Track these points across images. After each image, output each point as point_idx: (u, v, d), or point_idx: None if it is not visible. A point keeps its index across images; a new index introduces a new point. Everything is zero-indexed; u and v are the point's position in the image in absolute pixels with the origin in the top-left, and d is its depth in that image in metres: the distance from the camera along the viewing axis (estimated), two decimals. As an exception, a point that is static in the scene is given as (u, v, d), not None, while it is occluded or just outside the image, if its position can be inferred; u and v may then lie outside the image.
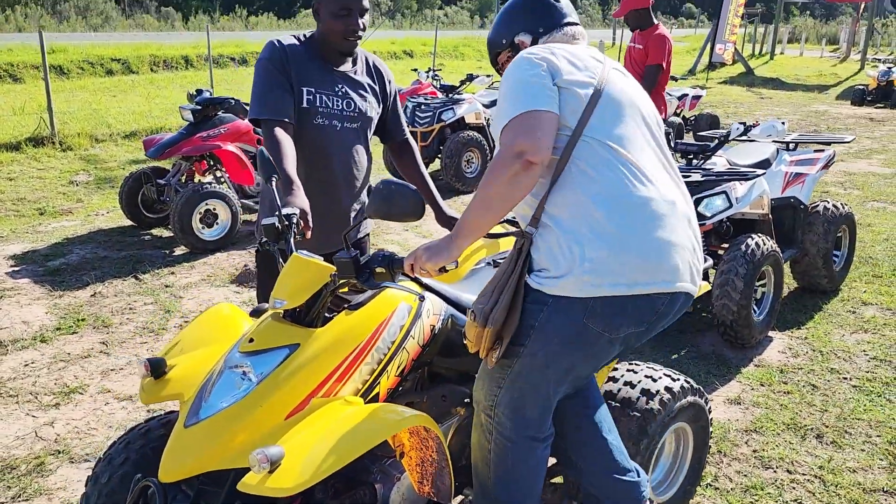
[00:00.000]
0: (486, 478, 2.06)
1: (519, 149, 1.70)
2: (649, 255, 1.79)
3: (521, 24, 2.09)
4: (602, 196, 1.78)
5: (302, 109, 2.56)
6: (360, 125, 2.68)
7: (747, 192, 4.11)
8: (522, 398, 1.94)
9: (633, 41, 5.55)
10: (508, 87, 1.85)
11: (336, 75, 2.64)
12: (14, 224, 6.42)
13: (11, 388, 3.60)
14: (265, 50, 2.58)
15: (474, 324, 1.88)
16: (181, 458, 1.83)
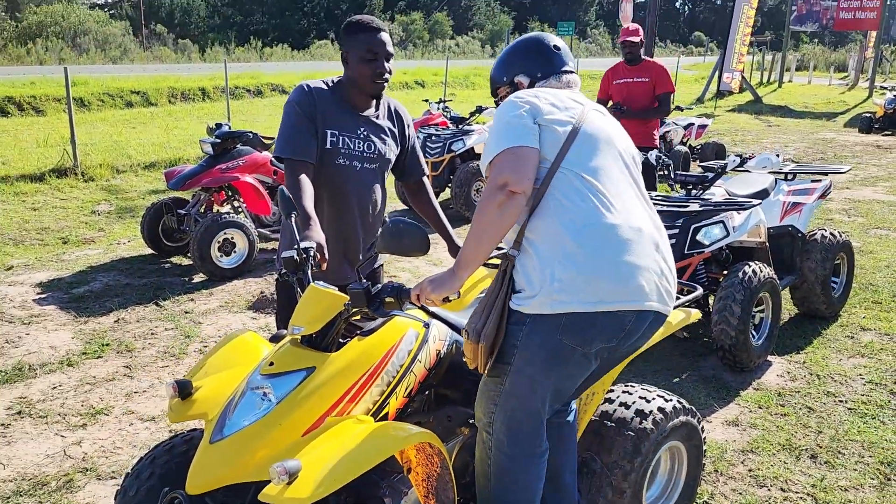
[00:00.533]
0: (489, 493, 2.22)
1: (503, 181, 1.92)
2: (614, 276, 1.98)
3: (522, 67, 2.32)
4: (573, 223, 1.98)
5: (325, 150, 2.76)
6: (378, 166, 2.88)
7: (744, 221, 4.27)
8: (515, 414, 2.11)
9: (628, 76, 5.83)
10: (495, 127, 2.09)
11: (359, 119, 2.83)
12: (39, 253, 6.66)
13: (41, 410, 3.79)
14: (294, 92, 2.79)
15: (469, 341, 2.07)
16: (207, 471, 2.00)
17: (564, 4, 69.30)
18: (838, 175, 10.76)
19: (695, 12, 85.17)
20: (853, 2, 23.53)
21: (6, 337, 4.67)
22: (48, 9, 39.88)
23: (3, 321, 4.94)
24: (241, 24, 52.22)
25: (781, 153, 6.77)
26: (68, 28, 36.67)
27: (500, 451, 2.15)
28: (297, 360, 2.10)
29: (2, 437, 3.53)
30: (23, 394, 3.95)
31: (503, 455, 2.15)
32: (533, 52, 2.33)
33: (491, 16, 63.18)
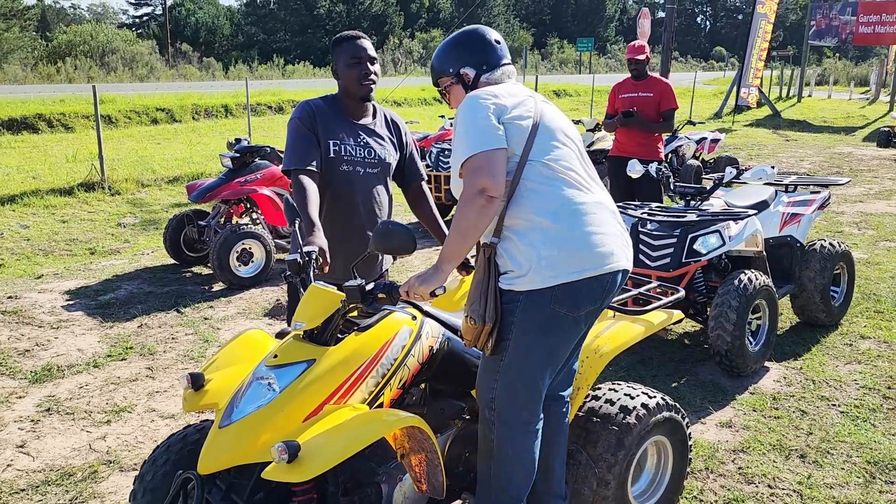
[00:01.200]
0: (490, 467, 2.40)
1: (481, 187, 2.12)
2: (591, 246, 2.24)
3: (468, 59, 2.44)
4: (549, 206, 2.23)
5: (329, 158, 2.99)
6: (380, 170, 3.11)
7: (740, 230, 4.42)
8: (515, 384, 2.32)
9: (634, 91, 6.01)
10: (463, 128, 2.23)
11: (357, 127, 3.08)
12: (67, 262, 6.95)
13: (68, 407, 4.02)
14: (296, 110, 3.04)
15: (473, 326, 2.26)
16: (217, 453, 2.19)
17: (584, 21, 69.67)
18: (851, 189, 10.83)
19: (716, 27, 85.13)
20: (872, 16, 23.50)
21: (36, 340, 4.93)
22: (77, 28, 41.01)
23: (33, 326, 5.21)
24: (263, 43, 53.20)
25: (777, 166, 6.92)
26: (96, 47, 37.63)
27: (503, 423, 2.35)
28: (298, 353, 2.30)
29: (32, 432, 3.76)
30: (51, 392, 4.19)
31: (505, 427, 2.35)
32: (478, 44, 2.45)
33: (510, 32, 63.66)
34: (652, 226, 4.53)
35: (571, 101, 26.63)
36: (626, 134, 6.10)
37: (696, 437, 3.66)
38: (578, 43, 40.08)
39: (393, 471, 2.40)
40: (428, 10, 62.19)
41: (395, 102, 21.39)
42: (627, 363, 4.56)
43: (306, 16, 53.92)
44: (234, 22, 58.05)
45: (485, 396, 2.39)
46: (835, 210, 9.34)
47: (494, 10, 63.71)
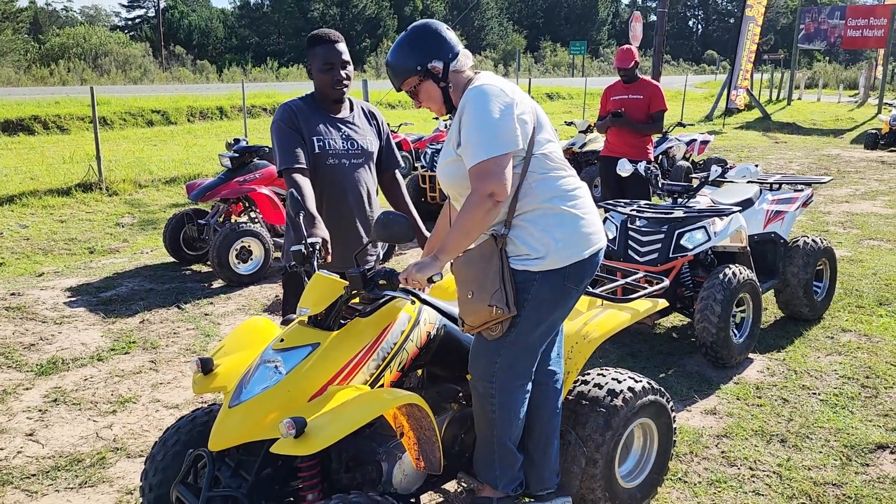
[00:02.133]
0: (490, 434, 2.56)
1: (489, 191, 2.26)
2: (592, 226, 2.50)
3: (433, 52, 2.43)
4: (554, 193, 2.43)
5: (315, 155, 3.16)
6: (364, 160, 3.28)
7: (725, 226, 4.58)
8: (517, 358, 2.50)
9: (624, 93, 6.18)
10: (477, 124, 2.28)
11: (337, 121, 3.25)
12: (67, 261, 7.07)
13: (74, 398, 4.14)
14: (277, 112, 3.20)
15: (495, 314, 2.38)
16: (226, 431, 2.33)
17: (577, 24, 70.01)
18: (837, 189, 11.03)
19: (707, 31, 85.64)
20: (860, 20, 23.81)
21: (41, 335, 5.05)
22: (70, 31, 40.99)
23: (36, 321, 5.33)
24: (257, 45, 53.27)
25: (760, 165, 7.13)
26: (90, 49, 37.64)
27: (502, 391, 2.51)
28: (303, 337, 2.44)
29: (40, 421, 3.88)
30: (57, 384, 4.31)
31: (505, 393, 2.51)
32: (435, 36, 2.45)
33: (504, 35, 63.95)
34: (640, 222, 4.69)
35: (564, 104, 26.83)
36: (617, 135, 6.27)
37: (681, 423, 3.81)
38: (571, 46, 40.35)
39: (392, 449, 2.54)
40: (422, 13, 62.38)
41: (388, 105, 21.54)
42: (617, 355, 4.71)
43: (300, 18, 54.03)
44: (228, 24, 58.10)
45: (484, 373, 2.52)
46: (821, 210, 9.53)
47: (487, 13, 63.97)
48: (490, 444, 2.59)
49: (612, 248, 4.74)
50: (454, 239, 2.33)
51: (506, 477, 2.62)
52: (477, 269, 2.43)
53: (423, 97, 2.50)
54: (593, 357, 4.40)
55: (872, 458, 3.49)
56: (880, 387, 4.24)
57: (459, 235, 2.31)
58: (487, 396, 2.54)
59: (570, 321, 2.95)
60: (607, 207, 4.87)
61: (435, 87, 2.46)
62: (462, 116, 2.35)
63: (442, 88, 2.46)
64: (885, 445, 3.59)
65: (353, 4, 55.35)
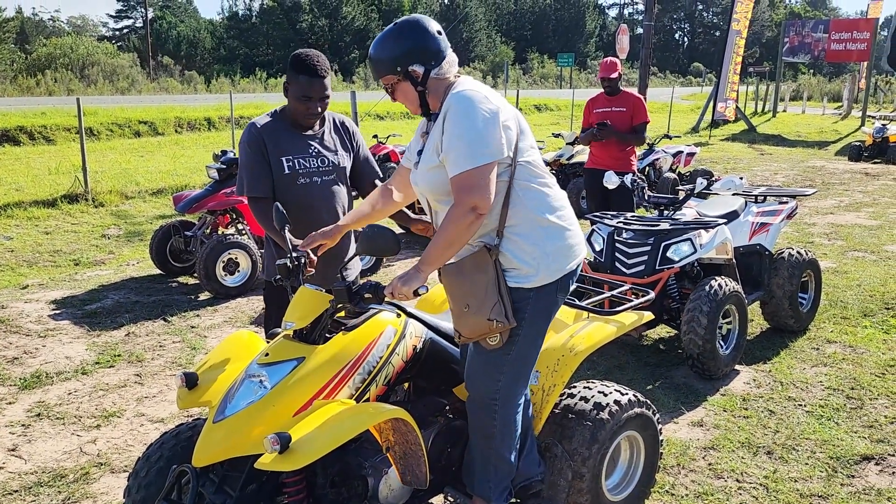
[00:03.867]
0: (488, 448, 2.56)
1: (473, 205, 2.24)
2: (576, 236, 2.53)
3: (416, 56, 2.34)
4: (541, 204, 2.43)
5: (285, 175, 3.12)
6: (336, 175, 3.25)
7: (711, 238, 4.60)
8: (520, 372, 2.52)
9: (608, 106, 6.23)
10: (461, 131, 2.24)
11: (307, 139, 3.21)
12: (52, 273, 7.01)
13: (58, 412, 4.10)
14: (244, 133, 3.16)
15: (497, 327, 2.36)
16: (211, 446, 2.31)
17: (564, 36, 70.49)
18: (822, 201, 11.13)
19: (694, 43, 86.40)
20: (844, 34, 24.11)
21: (24, 348, 5.00)
22: (57, 41, 40.80)
23: (20, 334, 5.28)
24: (246, 56, 53.23)
25: (745, 177, 7.22)
26: (77, 60, 37.44)
27: (506, 406, 2.52)
28: (289, 352, 2.43)
29: (23, 436, 3.84)
30: (41, 398, 4.27)
31: (507, 408, 2.53)
32: (423, 38, 2.35)
33: (492, 47, 64.26)
34: (627, 234, 4.71)
35: (552, 116, 26.96)
36: (601, 147, 6.31)
37: (668, 435, 3.82)
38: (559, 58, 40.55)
39: (378, 464, 2.53)
40: (410, 24, 62.50)
41: (377, 116, 21.56)
42: (605, 368, 4.71)
43: (288, 30, 54.07)
44: (216, 35, 58.03)
45: (487, 389, 2.51)
46: (806, 221, 9.61)
47: (476, 24, 64.28)
48: (488, 458, 2.58)
49: (600, 261, 4.76)
50: (437, 250, 2.31)
51: (499, 488, 2.63)
52: (471, 280, 2.40)
53: (399, 96, 2.44)
54: (580, 369, 4.41)
55: (858, 469, 3.51)
56: (865, 398, 4.27)
57: (443, 246, 2.30)
58: (490, 412, 2.53)
59: (556, 334, 2.96)
60: (594, 220, 4.89)
61: (412, 89, 2.40)
62: (445, 122, 2.30)
63: (419, 93, 2.40)
64: (870, 457, 3.61)
65: (341, 16, 55.46)
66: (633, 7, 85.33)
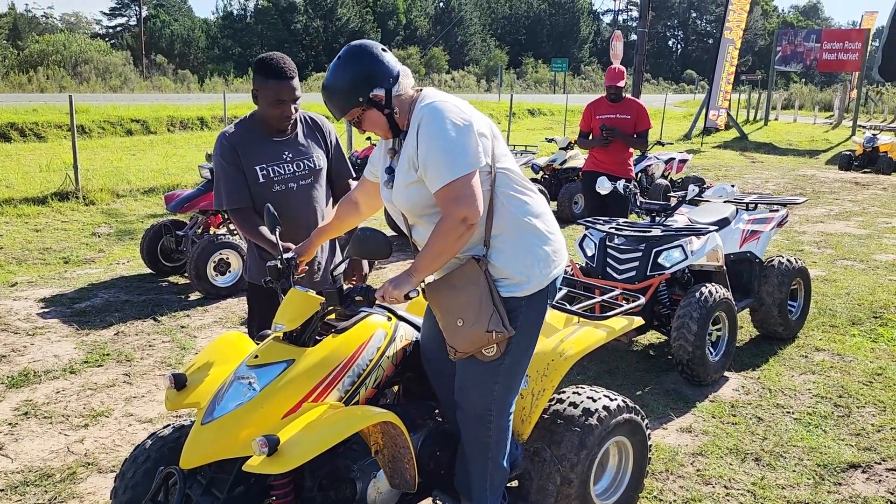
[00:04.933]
0: (483, 457, 2.56)
1: (462, 216, 2.20)
2: (559, 241, 2.53)
3: (374, 81, 2.29)
4: (526, 210, 2.42)
5: (260, 184, 3.05)
6: (313, 179, 3.17)
7: (702, 245, 4.62)
8: (514, 381, 2.52)
9: (612, 112, 6.24)
10: (439, 145, 2.20)
11: (279, 144, 3.12)
12: (41, 271, 6.97)
13: (45, 411, 4.07)
14: (215, 146, 3.08)
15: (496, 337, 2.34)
16: (198, 449, 2.30)
17: (558, 41, 70.73)
18: (812, 209, 11.21)
19: (687, 51, 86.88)
20: (836, 43, 24.28)
21: (12, 346, 4.97)
22: (50, 38, 40.62)
23: (8, 332, 5.24)
24: (239, 56, 53.11)
25: (737, 184, 7.27)
26: (69, 57, 37.27)
27: (501, 415, 2.53)
28: (278, 354, 2.42)
29: (10, 435, 3.81)
30: (28, 397, 4.24)
31: (503, 416, 2.53)
32: (374, 63, 2.30)
33: (486, 51, 64.40)
34: (619, 240, 4.72)
35: (546, 120, 27.05)
36: (604, 151, 6.32)
37: (657, 441, 3.83)
38: (553, 63, 40.72)
39: (367, 467, 2.53)
40: (405, 27, 62.70)
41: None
42: (595, 372, 4.72)
43: (283, 30, 54.04)
44: (210, 35, 57.90)
45: (481, 401, 2.50)
46: (796, 230, 9.66)
47: (470, 28, 64.46)
48: (483, 468, 2.58)
49: (591, 266, 4.77)
50: (427, 260, 2.29)
51: (496, 496, 2.63)
52: (464, 293, 2.36)
53: (368, 125, 2.38)
54: (570, 374, 4.41)
55: (845, 477, 3.53)
56: (853, 406, 4.29)
57: (432, 257, 2.28)
58: (485, 422, 2.52)
59: (546, 338, 2.96)
60: (587, 224, 4.91)
61: (379, 114, 2.33)
62: (418, 137, 2.26)
63: (387, 115, 2.34)
64: (857, 465, 3.63)
65: (336, 17, 55.48)
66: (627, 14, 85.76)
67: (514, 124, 21.49)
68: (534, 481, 2.80)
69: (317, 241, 2.85)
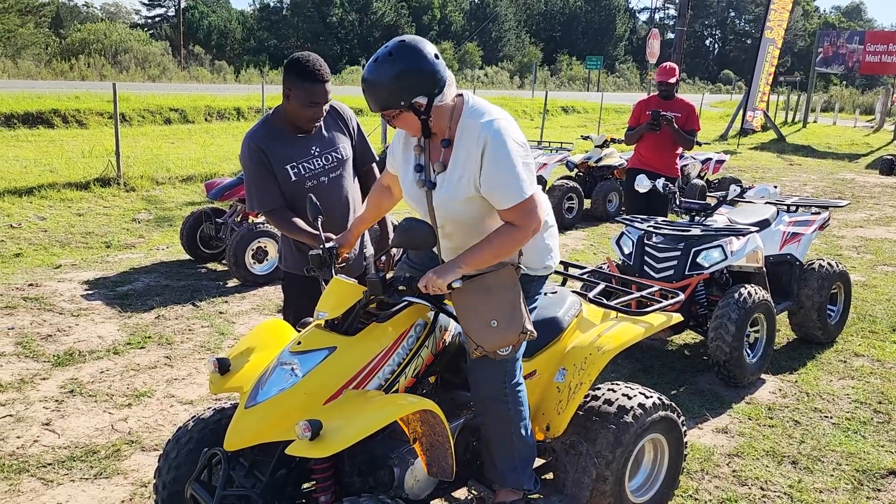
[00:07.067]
0: (507, 433, 2.61)
1: (535, 227, 2.37)
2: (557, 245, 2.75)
3: (418, 88, 2.25)
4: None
5: (293, 183, 3.09)
6: (342, 169, 3.22)
7: (742, 246, 4.59)
8: (517, 361, 2.59)
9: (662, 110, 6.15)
10: (515, 167, 2.30)
11: (306, 140, 3.14)
12: (84, 254, 7.13)
13: (90, 390, 4.18)
14: (242, 149, 3.11)
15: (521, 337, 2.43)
16: (242, 432, 2.36)
17: (594, 39, 70.13)
18: (852, 214, 11.01)
19: (724, 50, 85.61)
20: (879, 45, 23.75)
21: (58, 326, 5.10)
22: (91, 27, 41.31)
23: (54, 312, 5.38)
24: (275, 48, 53.56)
25: (779, 185, 7.16)
26: (110, 46, 37.87)
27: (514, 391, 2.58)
28: (321, 341, 2.45)
29: (56, 412, 3.93)
30: (74, 376, 4.36)
31: (516, 391, 2.58)
32: (424, 69, 2.25)
33: (520, 47, 64.12)
34: (657, 239, 4.70)
35: (579, 118, 26.87)
36: (652, 149, 6.22)
37: (693, 441, 3.82)
38: (588, 61, 40.39)
39: (405, 455, 2.56)
40: (440, 22, 62.68)
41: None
42: (630, 371, 4.72)
43: (318, 23, 54.34)
44: (247, 27, 58.46)
45: (497, 389, 2.56)
46: (835, 234, 9.51)
47: (505, 24, 64.18)
48: (509, 444, 2.62)
49: (628, 263, 4.75)
50: (482, 257, 2.35)
51: (527, 472, 2.67)
52: (500, 299, 2.42)
53: (400, 123, 2.38)
54: (606, 371, 4.41)
55: (884, 483, 3.49)
56: (893, 413, 4.23)
57: (489, 256, 2.36)
58: (502, 404, 2.57)
59: (583, 333, 2.97)
60: (625, 222, 4.89)
61: (415, 118, 2.33)
62: (484, 159, 2.30)
63: (423, 121, 2.34)
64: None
65: (371, 11, 55.65)
66: (664, 12, 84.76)
67: (548, 121, 21.40)
68: (569, 474, 2.81)
69: (356, 230, 2.91)
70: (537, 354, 2.86)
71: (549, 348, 2.88)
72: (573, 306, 3.02)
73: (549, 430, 2.84)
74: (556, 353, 2.90)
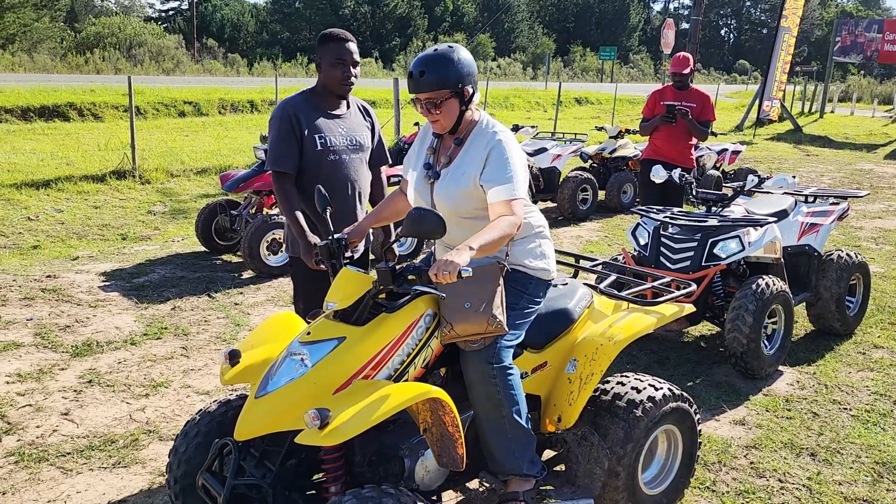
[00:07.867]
0: (500, 417, 2.59)
1: (517, 223, 2.51)
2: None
3: (471, 80, 2.60)
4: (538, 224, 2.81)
5: (317, 152, 3.30)
6: (361, 154, 3.47)
7: (759, 237, 4.54)
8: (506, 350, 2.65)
9: (677, 100, 6.10)
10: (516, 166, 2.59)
11: (336, 120, 3.40)
12: (100, 246, 7.18)
13: (108, 380, 4.22)
14: (277, 109, 3.33)
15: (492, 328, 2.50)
16: (252, 421, 2.36)
17: (608, 29, 69.60)
18: (870, 205, 10.89)
19: (740, 40, 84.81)
20: (898, 34, 23.44)
21: (76, 317, 5.14)
22: (106, 21, 41.50)
23: (72, 303, 5.43)
24: (288, 41, 53.63)
25: (797, 176, 7.09)
26: (124, 39, 38.06)
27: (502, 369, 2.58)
28: (330, 331, 2.45)
29: (75, 402, 3.96)
30: (92, 366, 4.39)
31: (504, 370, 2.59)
32: (473, 67, 2.62)
33: (534, 38, 63.79)
34: (673, 229, 4.67)
35: (593, 109, 26.73)
36: (667, 140, 6.18)
37: (710, 433, 3.80)
38: (601, 52, 40.13)
39: (415, 445, 2.55)
40: (452, 13, 62.45)
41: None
42: (645, 362, 4.69)
43: (331, 15, 54.29)
44: (260, 19, 58.54)
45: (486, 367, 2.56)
46: (854, 225, 9.41)
47: (518, 15, 63.87)
48: (503, 429, 2.60)
49: (644, 255, 4.72)
50: (488, 242, 2.38)
51: (526, 457, 2.65)
52: (480, 287, 2.53)
53: (444, 110, 2.59)
54: (619, 363, 4.40)
55: (904, 476, 3.45)
56: (913, 405, 4.19)
57: (494, 242, 2.41)
58: (491, 387, 2.56)
59: (595, 323, 2.95)
60: (641, 213, 4.85)
61: (458, 107, 2.60)
62: (488, 160, 2.58)
63: (461, 111, 2.62)
64: (917, 464, 3.55)
65: (384, 3, 55.54)
66: (678, 2, 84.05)
67: (561, 113, 21.30)
68: (581, 465, 2.79)
69: (367, 225, 3.01)
70: (548, 346, 2.85)
71: (560, 339, 2.88)
72: (584, 297, 3.01)
73: (560, 421, 2.82)
74: (566, 344, 2.89)
